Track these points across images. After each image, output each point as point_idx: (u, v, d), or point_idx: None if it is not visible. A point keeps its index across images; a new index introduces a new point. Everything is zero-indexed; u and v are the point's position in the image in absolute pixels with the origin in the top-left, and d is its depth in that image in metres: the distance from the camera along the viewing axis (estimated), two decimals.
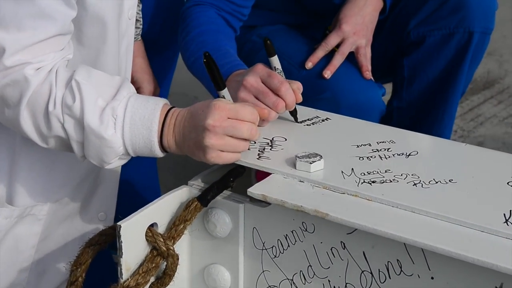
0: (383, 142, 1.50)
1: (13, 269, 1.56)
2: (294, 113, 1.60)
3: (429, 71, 2.11)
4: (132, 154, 1.41)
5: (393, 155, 1.45)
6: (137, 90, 1.46)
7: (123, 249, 1.31)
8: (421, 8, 2.09)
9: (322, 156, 1.41)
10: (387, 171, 1.39)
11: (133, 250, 1.34)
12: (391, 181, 1.36)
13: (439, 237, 1.22)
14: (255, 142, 1.48)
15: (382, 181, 1.36)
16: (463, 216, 1.26)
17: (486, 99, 3.43)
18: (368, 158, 1.44)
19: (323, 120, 1.61)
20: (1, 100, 1.37)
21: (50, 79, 1.36)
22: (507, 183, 1.36)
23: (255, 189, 1.35)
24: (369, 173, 1.38)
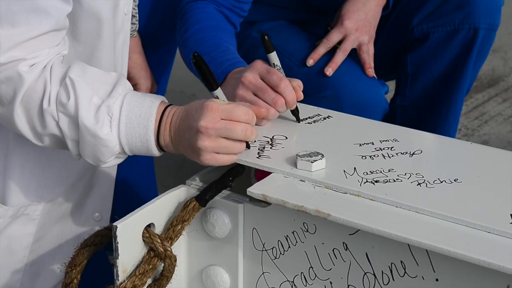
0: (386, 140, 1.50)
1: (7, 270, 1.56)
2: (296, 113, 1.58)
3: (433, 68, 2.11)
4: (129, 153, 1.40)
5: (397, 154, 1.45)
6: (133, 87, 1.45)
7: (120, 250, 1.31)
8: (425, 4, 2.09)
9: (323, 155, 1.40)
10: (390, 170, 1.39)
11: (129, 251, 1.34)
12: (394, 181, 1.35)
13: (444, 238, 1.21)
14: (255, 141, 1.47)
15: (386, 180, 1.35)
16: (468, 216, 1.25)
17: (490, 97, 3.44)
18: (371, 157, 1.44)
19: (324, 118, 1.61)
20: None
21: (44, 76, 1.35)
22: None
23: (255, 189, 1.34)
24: (372, 173, 1.38)
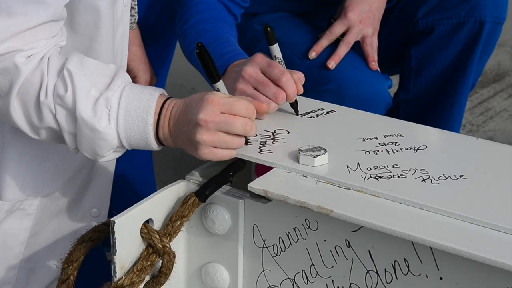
0: (390, 135, 1.49)
1: (2, 266, 1.55)
2: (294, 105, 1.57)
3: (437, 62, 2.11)
4: (127, 147, 1.39)
5: (401, 149, 1.44)
6: (133, 80, 1.45)
7: (117, 246, 1.30)
8: None
9: (326, 149, 1.39)
10: (394, 166, 1.38)
11: (127, 248, 1.33)
12: (398, 177, 1.34)
13: (448, 235, 1.20)
14: (256, 135, 1.46)
15: (390, 176, 1.35)
16: (474, 213, 1.24)
17: (496, 93, 3.44)
18: (375, 152, 1.43)
19: (327, 112, 1.60)
20: None
21: (41, 67, 1.34)
22: None
23: (256, 184, 1.33)
24: (375, 168, 1.37)
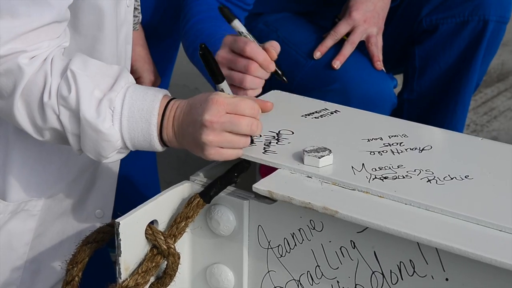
0: (395, 136, 1.48)
1: (6, 267, 1.55)
2: (278, 73, 1.55)
3: (441, 61, 2.10)
4: (131, 148, 1.39)
5: (406, 149, 1.44)
6: (136, 80, 1.45)
7: (122, 247, 1.30)
8: None
9: (331, 150, 1.39)
10: (399, 166, 1.37)
11: (132, 249, 1.32)
12: (404, 177, 1.34)
13: (454, 236, 1.20)
14: (261, 136, 1.46)
15: (395, 177, 1.34)
16: (480, 214, 1.23)
17: (500, 92, 3.43)
18: (380, 152, 1.42)
19: (332, 113, 1.59)
20: None
21: (45, 68, 1.34)
22: None
23: (260, 185, 1.33)
24: (380, 169, 1.36)
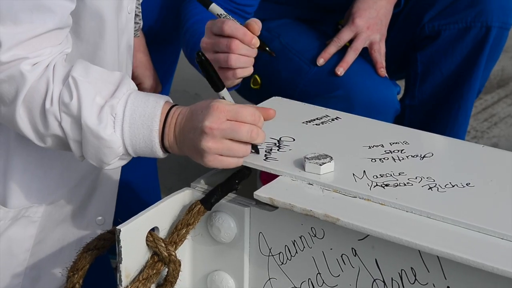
0: (396, 143, 1.48)
1: (7, 273, 1.54)
2: (263, 47, 1.52)
3: (443, 67, 2.10)
4: (133, 155, 1.39)
5: (407, 156, 1.43)
6: (138, 87, 1.44)
7: (123, 254, 1.29)
8: (437, 1, 2.07)
9: (332, 157, 1.38)
10: (400, 173, 1.37)
11: (133, 256, 1.32)
12: (405, 185, 1.34)
13: (456, 244, 1.19)
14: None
15: (396, 184, 1.34)
16: (481, 222, 1.23)
17: (500, 98, 3.42)
18: (381, 160, 1.42)
19: (333, 120, 1.59)
20: None
21: (47, 75, 1.34)
22: None
23: (262, 192, 1.32)
24: (382, 176, 1.36)
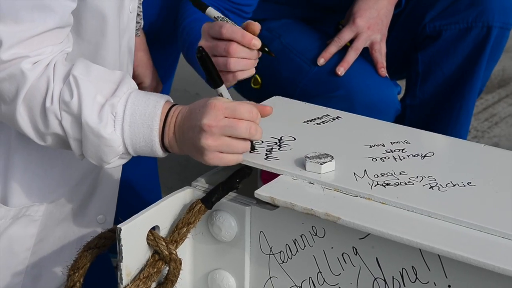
0: (397, 142, 1.48)
1: (8, 272, 1.54)
2: (264, 50, 1.52)
3: (444, 67, 2.10)
4: (133, 154, 1.38)
5: (408, 156, 1.43)
6: (138, 86, 1.44)
7: (124, 253, 1.29)
8: (438, 1, 2.07)
9: (333, 156, 1.38)
10: (401, 173, 1.37)
11: (133, 254, 1.32)
12: (406, 184, 1.33)
13: (457, 243, 1.19)
14: (262, 142, 1.45)
15: (397, 183, 1.33)
16: (482, 221, 1.23)
17: (501, 98, 3.42)
18: (382, 159, 1.42)
19: (334, 119, 1.59)
20: None
21: (47, 74, 1.34)
22: None
23: (262, 191, 1.32)
24: (382, 175, 1.36)
